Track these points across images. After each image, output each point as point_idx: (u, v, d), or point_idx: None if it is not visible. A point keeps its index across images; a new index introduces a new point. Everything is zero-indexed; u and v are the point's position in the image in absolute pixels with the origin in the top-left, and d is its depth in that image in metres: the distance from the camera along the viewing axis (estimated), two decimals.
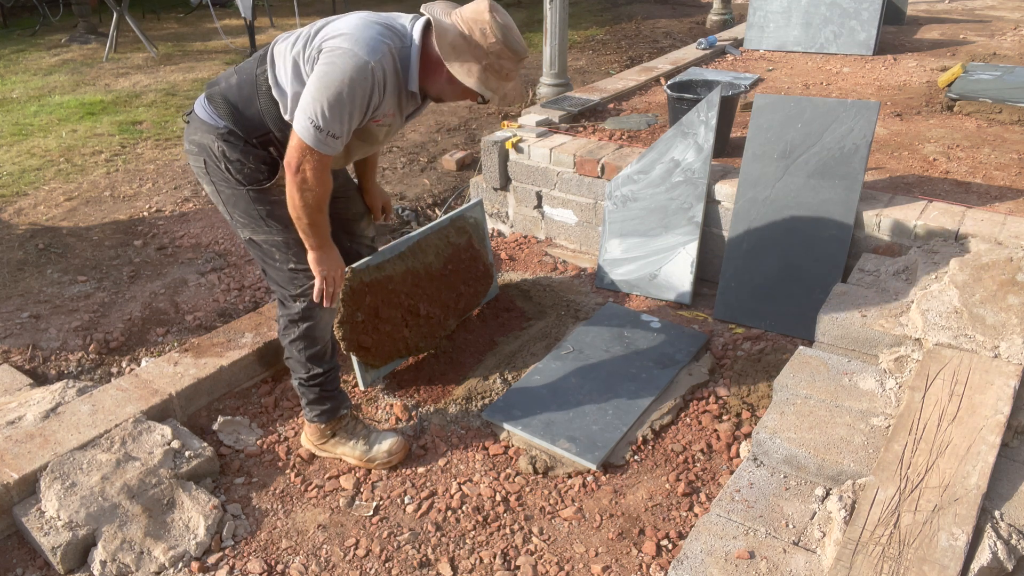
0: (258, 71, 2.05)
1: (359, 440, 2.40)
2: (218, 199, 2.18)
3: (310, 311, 2.24)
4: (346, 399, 2.44)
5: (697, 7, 9.74)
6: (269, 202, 2.13)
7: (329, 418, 2.38)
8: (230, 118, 2.07)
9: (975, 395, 2.03)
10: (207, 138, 2.09)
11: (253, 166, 2.10)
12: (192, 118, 2.15)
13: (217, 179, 2.12)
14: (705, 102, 3.17)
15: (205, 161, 2.11)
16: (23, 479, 2.14)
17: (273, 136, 2.09)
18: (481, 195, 4.07)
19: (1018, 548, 1.70)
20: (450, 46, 1.92)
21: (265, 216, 2.14)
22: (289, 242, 2.16)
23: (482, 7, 1.94)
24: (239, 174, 2.10)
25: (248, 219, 2.15)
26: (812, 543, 1.82)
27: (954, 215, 2.89)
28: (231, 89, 2.08)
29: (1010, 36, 5.90)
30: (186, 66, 7.39)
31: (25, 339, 2.97)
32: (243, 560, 2.10)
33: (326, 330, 2.32)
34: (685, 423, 2.59)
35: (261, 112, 2.06)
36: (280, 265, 2.20)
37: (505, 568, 2.08)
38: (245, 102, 2.06)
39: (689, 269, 3.25)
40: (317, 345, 2.30)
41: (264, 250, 2.20)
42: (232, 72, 2.11)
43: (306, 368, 2.32)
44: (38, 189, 4.42)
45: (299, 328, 2.26)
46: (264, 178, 2.12)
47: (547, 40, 4.65)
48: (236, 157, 2.08)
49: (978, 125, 3.98)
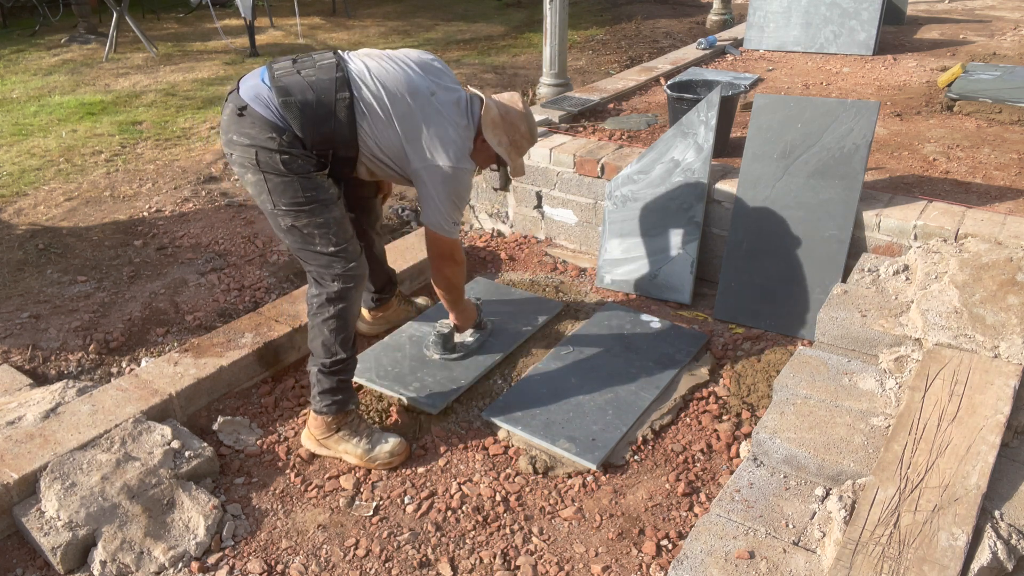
0: (339, 96, 2.22)
1: (362, 439, 2.40)
2: (263, 187, 2.26)
3: (346, 292, 2.33)
4: (355, 396, 2.48)
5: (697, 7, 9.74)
6: (314, 188, 2.26)
7: (339, 410, 2.39)
8: (301, 128, 2.20)
9: (975, 395, 2.03)
10: (265, 134, 2.19)
11: (303, 160, 2.23)
12: (249, 112, 2.21)
13: (269, 169, 2.22)
14: (705, 102, 3.17)
15: (257, 152, 2.20)
16: (23, 479, 2.14)
17: (335, 153, 2.29)
18: (481, 195, 4.07)
19: (1018, 548, 1.70)
20: (491, 121, 2.41)
21: (311, 200, 2.25)
22: (330, 223, 2.29)
23: (516, 97, 2.50)
24: (292, 164, 2.22)
25: (294, 206, 2.25)
26: (812, 543, 1.82)
27: (954, 215, 2.89)
28: (308, 106, 2.20)
29: (1010, 36, 5.90)
30: (186, 66, 7.39)
31: (25, 339, 2.97)
32: (243, 560, 2.10)
33: (355, 315, 2.42)
34: (685, 423, 2.59)
35: (333, 133, 2.23)
36: (321, 248, 2.30)
37: (505, 568, 2.08)
38: (320, 120, 2.22)
39: (689, 269, 3.25)
40: (347, 328, 2.38)
41: (305, 235, 2.29)
42: (307, 87, 2.22)
43: (330, 353, 2.35)
44: (38, 189, 4.42)
45: (335, 307, 2.33)
46: (313, 169, 2.26)
47: (547, 40, 4.64)
48: (292, 152, 2.22)
49: (978, 125, 3.98)
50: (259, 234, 3.86)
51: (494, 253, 3.75)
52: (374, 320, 3.05)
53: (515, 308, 3.15)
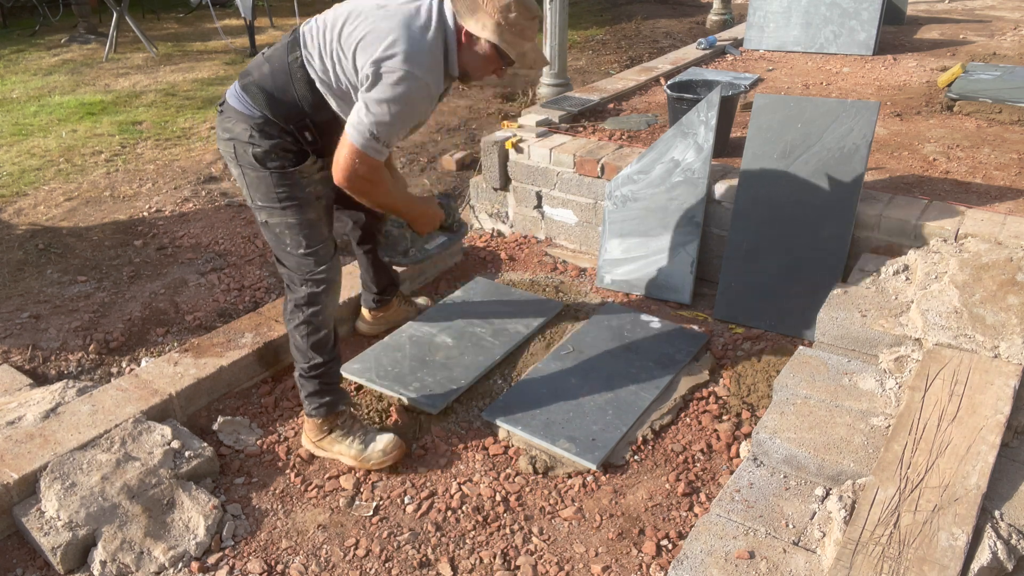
0: (290, 58, 2.11)
1: (355, 439, 2.39)
2: (243, 182, 2.23)
3: (316, 297, 2.28)
4: (345, 396, 2.45)
5: (697, 7, 9.74)
6: (289, 185, 2.18)
7: (328, 412, 2.38)
8: (267, 107, 2.13)
9: (975, 395, 2.03)
10: (240, 126, 2.15)
11: (280, 152, 2.16)
12: (226, 107, 2.20)
13: (244, 163, 2.18)
14: (705, 102, 3.17)
15: (235, 146, 2.17)
16: (23, 479, 2.14)
17: (310, 121, 2.15)
18: (481, 195, 4.07)
19: (1018, 548, 1.70)
20: (464, 5, 2.00)
21: (284, 199, 2.19)
22: (301, 226, 2.21)
23: None
24: (265, 158, 2.15)
25: (267, 201, 2.20)
26: (812, 543, 1.82)
27: (954, 215, 2.89)
28: (265, 78, 2.13)
29: (1010, 36, 5.90)
30: (186, 66, 7.39)
31: (25, 339, 2.97)
32: (243, 560, 2.10)
33: (330, 319, 2.35)
34: (685, 423, 2.59)
35: (298, 99, 2.13)
36: (291, 250, 2.25)
37: (505, 568, 2.08)
38: (280, 90, 2.12)
39: (689, 269, 3.25)
40: (320, 332, 2.33)
41: (277, 234, 2.25)
42: (263, 61, 2.16)
43: (307, 358, 2.33)
44: (38, 189, 4.42)
45: (304, 313, 2.29)
46: (289, 164, 2.17)
47: (547, 40, 4.65)
48: (267, 144, 2.14)
49: (978, 125, 3.98)
50: (259, 234, 3.86)
51: (494, 253, 3.75)
52: (374, 320, 3.05)
53: (515, 308, 3.15)
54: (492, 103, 6.02)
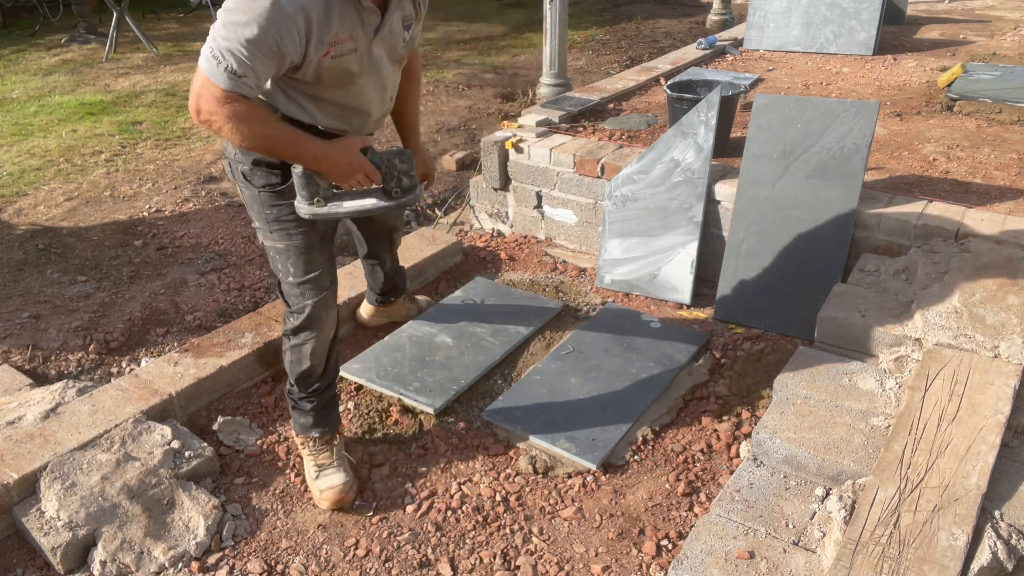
0: None
1: (312, 467, 2.31)
2: (242, 196, 2.16)
3: (299, 331, 2.19)
4: (323, 423, 2.30)
5: (697, 7, 9.73)
6: (277, 206, 2.07)
7: (298, 432, 2.34)
8: None
9: (975, 395, 2.04)
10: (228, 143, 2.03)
11: (265, 169, 2.04)
12: None
13: (238, 180, 2.11)
14: (705, 102, 3.17)
15: (229, 164, 2.10)
16: (23, 479, 2.14)
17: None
18: (481, 195, 4.07)
19: (1018, 548, 1.70)
20: None
21: (271, 220, 2.09)
22: (288, 253, 2.11)
23: None
24: (251, 175, 2.06)
25: (259, 222, 2.13)
26: (812, 543, 1.82)
27: (954, 215, 2.89)
28: None
29: (1010, 36, 5.90)
30: (186, 66, 7.39)
31: (25, 339, 2.97)
32: (243, 560, 2.10)
33: (317, 354, 2.22)
34: (685, 423, 2.59)
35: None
36: (281, 276, 2.18)
37: (505, 568, 2.08)
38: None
39: (689, 269, 3.25)
40: (302, 365, 2.24)
41: (271, 256, 2.18)
42: None
43: (290, 380, 2.30)
44: (38, 189, 4.42)
45: (288, 342, 2.24)
46: (277, 182, 2.06)
47: (547, 40, 4.65)
48: (249, 161, 2.04)
49: (978, 125, 3.98)
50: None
51: (494, 253, 3.75)
52: (376, 313, 3.06)
53: (515, 308, 3.15)
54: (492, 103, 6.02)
